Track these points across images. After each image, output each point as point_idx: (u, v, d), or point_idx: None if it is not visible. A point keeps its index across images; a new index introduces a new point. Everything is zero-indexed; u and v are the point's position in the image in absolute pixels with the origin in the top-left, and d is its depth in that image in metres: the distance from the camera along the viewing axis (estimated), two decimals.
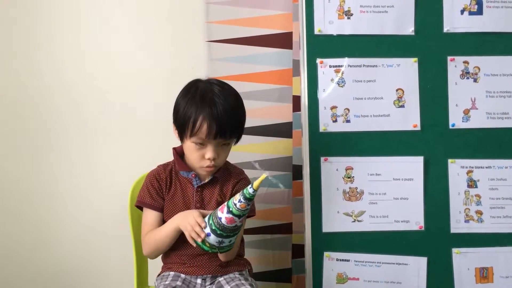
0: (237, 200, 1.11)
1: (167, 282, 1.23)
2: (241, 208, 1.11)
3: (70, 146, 1.69)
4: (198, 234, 1.13)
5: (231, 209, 1.11)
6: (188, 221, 1.16)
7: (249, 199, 1.11)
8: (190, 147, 1.23)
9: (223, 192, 1.30)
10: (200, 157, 1.22)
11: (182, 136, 1.24)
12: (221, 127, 1.18)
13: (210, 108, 1.18)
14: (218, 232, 1.12)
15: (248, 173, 1.38)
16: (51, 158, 1.70)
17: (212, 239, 1.14)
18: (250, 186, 1.10)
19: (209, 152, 1.21)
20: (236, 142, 1.30)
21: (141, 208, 1.31)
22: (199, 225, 1.14)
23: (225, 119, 1.18)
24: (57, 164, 1.70)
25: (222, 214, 1.12)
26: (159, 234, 1.24)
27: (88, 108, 1.68)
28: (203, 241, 1.14)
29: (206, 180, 1.29)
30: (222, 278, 1.27)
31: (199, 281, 1.26)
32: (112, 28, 1.67)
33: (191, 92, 1.23)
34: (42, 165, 1.71)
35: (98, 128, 1.69)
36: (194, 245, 1.16)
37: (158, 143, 1.61)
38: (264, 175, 1.09)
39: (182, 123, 1.21)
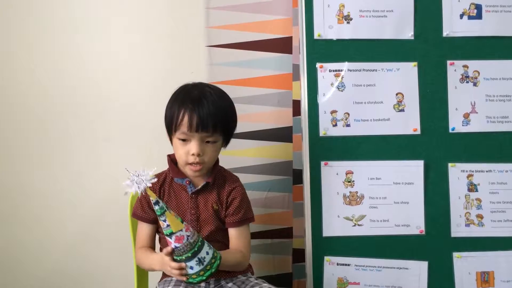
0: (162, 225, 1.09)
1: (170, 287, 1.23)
2: (165, 226, 1.07)
3: (70, 151, 1.70)
4: (181, 274, 1.11)
5: (166, 233, 1.09)
6: (168, 270, 1.13)
7: (160, 214, 1.07)
8: (176, 144, 1.24)
9: (220, 200, 1.29)
10: (186, 153, 1.22)
11: (170, 136, 1.26)
12: (202, 119, 1.18)
13: (192, 103, 1.20)
14: (190, 254, 1.09)
15: (246, 177, 1.37)
16: (51, 163, 1.71)
17: (192, 264, 1.10)
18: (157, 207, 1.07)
19: (192, 147, 1.21)
20: (226, 143, 1.30)
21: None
22: (176, 268, 1.10)
23: (207, 111, 1.19)
24: (57, 168, 1.71)
25: (172, 244, 1.09)
26: (145, 262, 1.25)
27: (88, 113, 1.69)
28: (191, 275, 1.11)
29: (200, 186, 1.28)
30: (225, 282, 1.27)
31: (202, 284, 1.26)
32: (113, 34, 1.68)
33: (178, 92, 1.26)
34: (42, 169, 1.71)
35: (98, 133, 1.69)
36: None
37: (159, 148, 1.60)
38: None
39: (169, 121, 1.24)
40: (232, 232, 1.29)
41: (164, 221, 1.08)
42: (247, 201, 1.33)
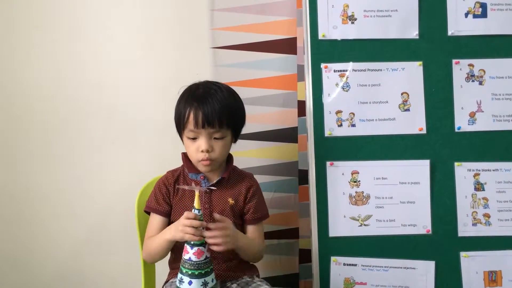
0: (189, 249, 1.11)
1: None
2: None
3: (78, 152, 1.71)
4: (194, 231, 1.11)
5: (192, 243, 1.11)
6: (181, 228, 1.13)
7: (202, 244, 1.11)
8: (186, 143, 1.27)
9: (235, 195, 1.31)
10: (196, 150, 1.25)
11: (181, 135, 1.29)
12: (206, 115, 1.21)
13: (197, 100, 1.23)
14: (197, 272, 1.11)
15: (255, 178, 1.38)
16: (59, 164, 1.72)
17: (196, 284, 1.10)
18: (193, 208, 1.11)
19: (201, 144, 1.23)
20: (235, 139, 1.32)
21: (148, 213, 1.33)
22: (192, 220, 1.12)
23: (211, 107, 1.21)
24: (62, 172, 1.72)
25: (188, 254, 1.11)
26: (153, 244, 1.25)
27: (95, 115, 1.70)
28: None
29: (214, 181, 1.30)
30: (230, 283, 1.28)
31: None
32: (118, 35, 1.68)
33: (184, 92, 1.29)
34: (48, 172, 1.72)
35: (105, 134, 1.70)
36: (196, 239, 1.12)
37: (164, 149, 1.62)
38: (196, 191, 1.11)
39: (177, 120, 1.27)
40: (250, 228, 1.33)
41: (192, 247, 1.11)
42: (263, 198, 1.38)
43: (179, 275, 1.13)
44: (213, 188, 1.26)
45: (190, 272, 1.11)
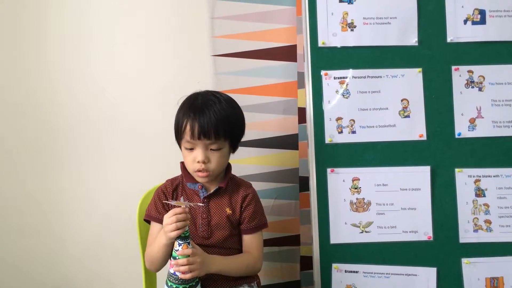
0: (177, 246, 1.12)
1: None
2: (185, 250, 1.12)
3: (80, 161, 1.71)
4: (176, 225, 1.11)
5: (177, 258, 1.12)
6: (165, 228, 1.14)
7: (186, 237, 1.12)
8: (183, 153, 1.27)
9: (232, 204, 1.30)
10: (192, 161, 1.25)
11: (179, 145, 1.29)
12: (202, 127, 1.20)
13: (194, 111, 1.23)
14: (181, 287, 1.12)
15: (256, 185, 1.38)
16: (61, 172, 1.72)
17: None
18: None
19: (197, 155, 1.23)
20: (233, 150, 1.31)
21: (149, 222, 1.33)
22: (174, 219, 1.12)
23: (208, 119, 1.21)
24: (65, 177, 1.72)
25: (173, 268, 1.13)
26: (152, 249, 1.25)
27: (97, 123, 1.70)
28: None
29: (212, 191, 1.29)
30: None
31: None
32: (119, 44, 1.69)
33: (184, 102, 1.29)
34: (50, 178, 1.72)
35: (107, 143, 1.70)
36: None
37: (166, 157, 1.62)
38: (182, 207, 1.12)
39: (175, 130, 1.28)
40: (246, 238, 1.32)
41: (180, 244, 1.13)
42: (261, 207, 1.36)
43: (165, 287, 1.14)
44: (201, 204, 1.24)
45: (174, 286, 1.13)
